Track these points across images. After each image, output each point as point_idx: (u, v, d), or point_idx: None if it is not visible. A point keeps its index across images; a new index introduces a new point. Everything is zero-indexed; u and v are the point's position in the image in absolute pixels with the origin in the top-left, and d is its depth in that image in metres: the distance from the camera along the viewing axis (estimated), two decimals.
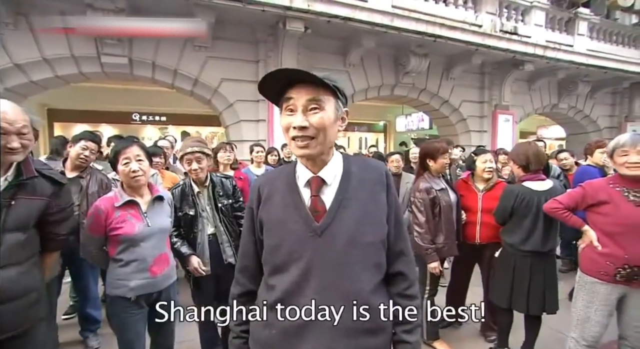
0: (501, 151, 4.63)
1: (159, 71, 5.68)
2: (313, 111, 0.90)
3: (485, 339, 2.71)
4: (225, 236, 2.20)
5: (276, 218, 0.96)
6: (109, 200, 1.70)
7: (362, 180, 0.97)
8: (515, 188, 2.30)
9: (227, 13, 5.28)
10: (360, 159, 1.11)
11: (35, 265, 1.37)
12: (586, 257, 1.96)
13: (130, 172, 1.67)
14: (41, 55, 4.94)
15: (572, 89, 8.93)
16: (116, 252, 1.69)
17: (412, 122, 11.36)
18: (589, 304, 1.93)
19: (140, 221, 1.70)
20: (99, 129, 8.19)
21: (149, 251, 1.71)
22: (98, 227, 1.65)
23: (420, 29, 6.16)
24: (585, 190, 1.95)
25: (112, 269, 1.71)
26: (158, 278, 1.74)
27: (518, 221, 2.25)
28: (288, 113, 0.91)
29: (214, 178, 2.25)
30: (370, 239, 0.93)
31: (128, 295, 1.67)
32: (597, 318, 1.91)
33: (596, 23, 8.37)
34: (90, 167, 2.53)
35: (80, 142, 2.42)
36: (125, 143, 1.74)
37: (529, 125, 12.07)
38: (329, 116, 0.91)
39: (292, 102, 0.90)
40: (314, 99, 0.89)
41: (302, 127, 0.88)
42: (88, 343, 2.60)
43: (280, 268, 0.94)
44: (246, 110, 6.12)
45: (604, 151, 3.13)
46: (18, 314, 1.28)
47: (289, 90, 0.91)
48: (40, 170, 1.36)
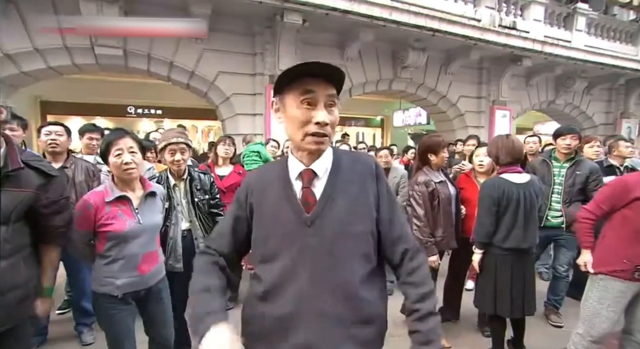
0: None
1: (155, 63, 5.59)
2: (330, 107, 0.90)
3: (482, 334, 2.72)
4: (200, 231, 2.16)
5: (267, 209, 0.96)
6: (98, 194, 1.61)
7: (352, 172, 0.98)
8: (495, 181, 2.26)
9: (224, 5, 5.20)
10: (350, 152, 1.11)
11: (23, 261, 1.32)
12: (601, 255, 1.95)
13: (123, 165, 1.58)
14: (33, 45, 4.83)
15: (569, 85, 8.94)
16: (104, 249, 1.61)
17: (410, 117, 11.33)
18: (601, 300, 1.91)
19: (131, 217, 1.63)
20: (93, 122, 8.10)
21: (139, 249, 1.65)
22: (86, 222, 1.57)
23: (419, 22, 6.11)
24: (628, 183, 1.89)
25: (99, 265, 1.64)
26: (146, 276, 1.68)
27: (499, 217, 2.22)
28: (306, 106, 0.89)
29: (192, 172, 2.21)
30: (360, 229, 0.94)
31: (114, 293, 1.61)
32: (608, 314, 1.90)
33: (594, 19, 8.37)
34: (73, 157, 2.51)
35: (41, 130, 2.43)
36: (117, 134, 1.64)
37: (526, 121, 12.10)
38: (338, 113, 0.94)
39: (312, 96, 0.88)
40: (332, 95, 0.90)
41: (326, 123, 0.89)
42: (83, 338, 2.57)
43: (270, 258, 0.94)
44: (243, 103, 6.06)
45: (593, 145, 3.27)
46: (2, 311, 1.23)
47: (307, 82, 0.88)
48: (28, 161, 1.30)
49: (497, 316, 2.31)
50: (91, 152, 2.94)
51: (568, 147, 2.84)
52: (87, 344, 2.55)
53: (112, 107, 9.22)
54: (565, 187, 2.82)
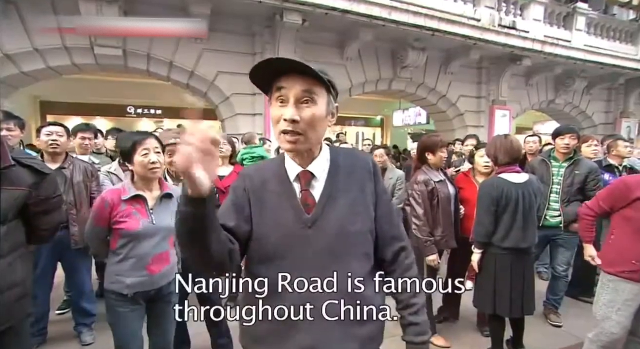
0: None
1: (154, 63, 5.59)
2: (305, 103, 0.86)
3: (481, 334, 2.72)
4: None
5: (266, 207, 0.94)
6: (115, 192, 1.66)
7: (350, 171, 0.98)
8: (493, 180, 2.28)
9: (223, 5, 5.20)
10: (348, 150, 1.10)
11: (20, 259, 1.32)
12: (610, 256, 1.93)
13: (149, 164, 1.63)
14: (32, 45, 4.84)
15: (568, 84, 8.94)
16: (117, 246, 1.65)
17: (409, 116, 11.34)
18: (611, 303, 1.87)
19: (145, 217, 1.66)
20: (92, 122, 8.10)
21: (150, 250, 1.66)
22: (102, 219, 1.62)
23: (418, 22, 6.11)
24: (628, 183, 1.89)
25: (110, 263, 1.68)
26: (156, 276, 1.69)
27: (498, 216, 2.23)
28: (279, 104, 0.88)
29: None
30: (359, 228, 0.94)
31: (124, 292, 1.63)
32: (618, 318, 1.85)
33: (594, 18, 8.36)
34: (71, 157, 2.50)
35: (42, 130, 2.41)
36: (143, 135, 1.73)
37: (525, 120, 12.09)
38: (321, 111, 0.88)
39: (283, 92, 0.86)
40: (308, 90, 0.85)
41: (293, 120, 0.84)
42: (82, 338, 2.56)
43: (270, 258, 0.93)
44: (242, 103, 6.06)
45: (590, 144, 3.30)
46: (1, 309, 1.24)
47: (281, 79, 0.87)
48: (20, 159, 1.30)
49: (496, 315, 2.31)
50: (85, 152, 2.95)
51: (567, 147, 2.85)
52: (87, 344, 2.55)
53: (111, 107, 9.23)
54: (564, 186, 2.82)
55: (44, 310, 2.51)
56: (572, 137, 2.83)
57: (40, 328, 2.50)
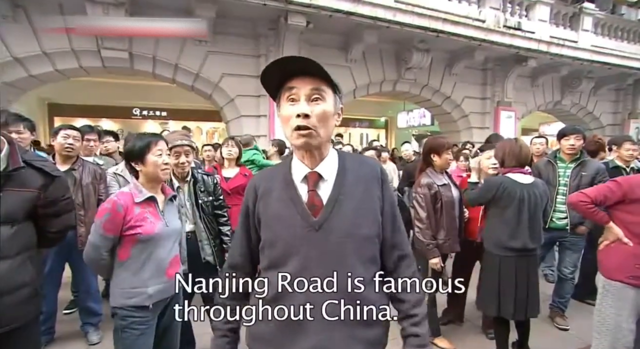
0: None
1: (160, 66, 5.65)
2: (315, 101, 0.90)
3: (486, 337, 2.70)
4: (205, 233, 2.16)
5: (273, 213, 0.96)
6: (127, 195, 1.55)
7: (358, 176, 0.99)
8: (498, 179, 2.31)
9: (228, 7, 5.23)
10: (355, 155, 1.12)
11: (28, 260, 1.34)
12: (611, 262, 1.88)
13: (162, 164, 1.61)
14: (41, 49, 4.91)
15: (575, 85, 8.85)
16: (130, 255, 1.54)
17: (414, 118, 11.32)
18: (619, 312, 1.82)
19: (159, 220, 1.60)
20: (99, 124, 8.20)
21: (166, 254, 1.61)
22: (115, 225, 1.49)
23: (422, 24, 6.10)
24: (622, 185, 1.84)
25: (123, 277, 1.54)
26: (172, 282, 1.60)
27: (500, 213, 2.23)
28: (290, 103, 0.91)
29: (196, 174, 2.22)
30: (366, 233, 0.95)
31: (146, 303, 1.52)
32: (630, 326, 1.80)
33: (601, 18, 8.29)
34: (82, 159, 2.54)
35: (59, 132, 2.43)
36: (157, 136, 1.71)
37: (531, 122, 12.01)
38: (330, 108, 0.92)
39: (294, 92, 0.90)
40: (317, 88, 0.90)
41: (306, 114, 0.88)
42: (89, 338, 2.60)
43: (278, 263, 0.94)
44: (247, 105, 6.09)
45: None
46: (9, 310, 1.25)
47: (291, 80, 0.91)
48: (30, 161, 1.31)
49: (501, 318, 2.30)
50: (89, 154, 2.97)
51: (572, 148, 2.82)
52: (94, 343, 2.57)
53: (117, 109, 9.33)
54: (571, 188, 2.79)
55: (52, 309, 2.55)
56: (577, 138, 2.81)
57: (48, 327, 2.54)
